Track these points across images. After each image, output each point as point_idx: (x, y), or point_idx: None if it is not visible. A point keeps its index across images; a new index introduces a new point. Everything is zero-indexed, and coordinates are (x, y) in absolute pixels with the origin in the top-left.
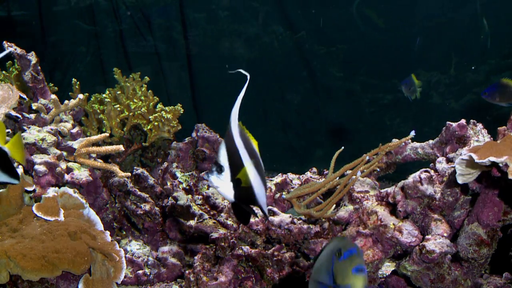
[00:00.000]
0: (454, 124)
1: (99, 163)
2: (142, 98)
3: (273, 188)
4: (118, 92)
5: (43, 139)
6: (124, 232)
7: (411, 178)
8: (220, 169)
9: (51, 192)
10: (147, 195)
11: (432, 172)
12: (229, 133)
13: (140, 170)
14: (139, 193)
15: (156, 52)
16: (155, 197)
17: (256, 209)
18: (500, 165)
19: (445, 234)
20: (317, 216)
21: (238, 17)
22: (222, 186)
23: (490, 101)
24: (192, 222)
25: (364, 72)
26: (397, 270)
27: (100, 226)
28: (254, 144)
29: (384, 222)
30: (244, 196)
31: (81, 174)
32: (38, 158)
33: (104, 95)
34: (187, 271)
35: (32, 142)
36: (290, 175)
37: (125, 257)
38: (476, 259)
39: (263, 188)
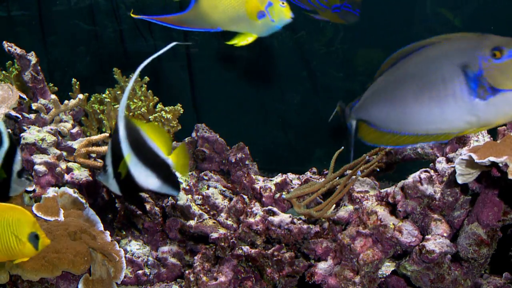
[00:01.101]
0: None
1: (99, 163)
2: (142, 98)
3: (273, 188)
4: (118, 92)
5: (43, 139)
6: (124, 232)
7: (411, 178)
8: (104, 168)
9: (51, 192)
10: (147, 195)
11: (432, 172)
12: (115, 128)
13: None
14: None
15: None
16: (155, 197)
17: (256, 209)
18: (500, 165)
19: (445, 234)
20: (317, 216)
21: None
22: (108, 183)
23: None
24: (192, 222)
25: (364, 72)
26: (397, 270)
27: (100, 226)
28: (152, 132)
29: (384, 222)
30: (128, 187)
31: (81, 174)
32: (38, 158)
33: (104, 95)
34: (187, 271)
35: (32, 142)
36: (290, 175)
37: (125, 257)
38: (476, 259)
39: (150, 173)
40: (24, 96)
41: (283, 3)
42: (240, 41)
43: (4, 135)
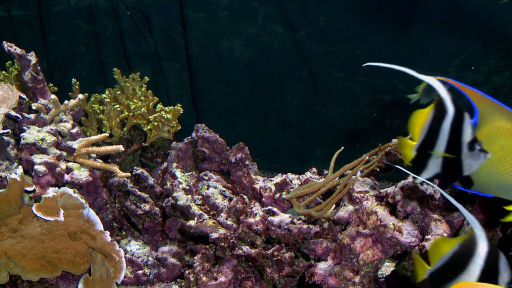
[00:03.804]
0: None
1: (99, 163)
2: (142, 98)
3: (273, 188)
4: (118, 92)
5: (43, 139)
6: (124, 232)
7: (411, 178)
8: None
9: (51, 192)
10: (147, 195)
11: None
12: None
13: (140, 170)
14: (139, 193)
15: (156, 52)
16: (155, 197)
17: (255, 209)
18: None
19: (444, 234)
20: (317, 216)
21: (238, 17)
22: None
23: None
24: (192, 222)
25: (364, 72)
26: (397, 270)
27: (100, 226)
28: None
29: (384, 222)
30: None
31: (81, 174)
32: (38, 158)
33: (104, 95)
34: (187, 271)
35: (31, 142)
36: (290, 175)
37: (125, 257)
38: None
39: None
40: (24, 96)
41: None
42: None
43: (447, 102)
